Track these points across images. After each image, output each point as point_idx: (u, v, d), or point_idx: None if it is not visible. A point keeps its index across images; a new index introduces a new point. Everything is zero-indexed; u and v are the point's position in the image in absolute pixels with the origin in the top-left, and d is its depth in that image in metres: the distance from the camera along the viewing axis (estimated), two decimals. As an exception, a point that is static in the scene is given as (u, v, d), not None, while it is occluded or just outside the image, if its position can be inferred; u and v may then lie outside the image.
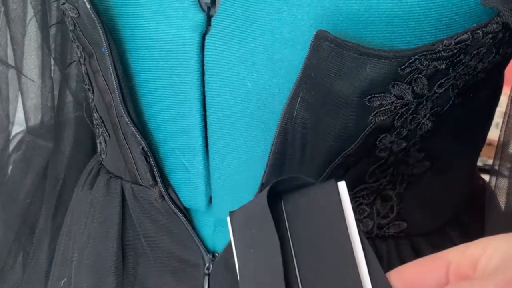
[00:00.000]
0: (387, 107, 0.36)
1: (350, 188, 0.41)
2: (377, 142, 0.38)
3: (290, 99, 0.37)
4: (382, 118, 0.37)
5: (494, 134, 0.47)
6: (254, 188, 0.42)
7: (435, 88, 0.36)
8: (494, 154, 0.47)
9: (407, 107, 0.37)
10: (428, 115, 0.38)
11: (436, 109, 0.38)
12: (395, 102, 0.36)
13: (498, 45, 0.29)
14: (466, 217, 0.48)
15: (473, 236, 0.47)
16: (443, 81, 0.36)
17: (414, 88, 0.36)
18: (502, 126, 0.45)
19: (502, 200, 0.45)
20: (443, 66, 0.35)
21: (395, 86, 0.35)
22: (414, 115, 0.37)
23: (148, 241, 0.48)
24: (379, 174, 0.41)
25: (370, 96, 0.35)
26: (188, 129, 0.43)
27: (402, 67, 0.34)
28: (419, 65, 0.34)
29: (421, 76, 0.35)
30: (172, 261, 0.48)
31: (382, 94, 0.36)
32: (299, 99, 0.37)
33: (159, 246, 0.48)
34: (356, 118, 0.36)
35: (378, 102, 0.36)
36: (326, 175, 0.39)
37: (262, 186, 0.41)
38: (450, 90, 0.37)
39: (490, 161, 0.48)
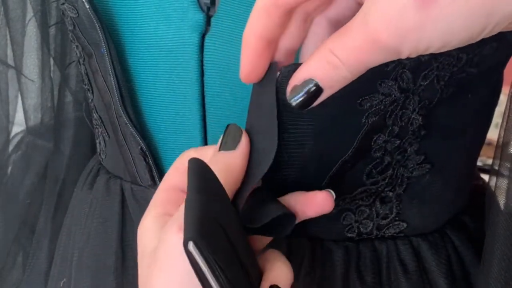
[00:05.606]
0: (377, 107, 0.37)
1: (349, 192, 0.41)
2: (372, 143, 0.39)
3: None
4: (374, 118, 0.37)
5: (494, 134, 0.47)
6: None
7: (419, 80, 0.37)
8: (494, 154, 0.46)
9: (395, 103, 0.37)
10: (417, 109, 0.39)
11: (424, 102, 0.38)
12: (384, 100, 0.37)
13: None
14: (466, 217, 0.48)
15: (473, 236, 0.47)
16: (427, 72, 0.37)
17: (400, 83, 0.37)
18: (501, 126, 0.45)
19: (502, 200, 0.45)
20: (425, 57, 0.36)
21: (382, 84, 0.36)
22: (404, 110, 0.38)
23: (147, 241, 0.48)
24: (377, 176, 0.41)
25: (361, 99, 0.36)
26: (188, 129, 0.43)
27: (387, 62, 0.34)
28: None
29: (405, 70, 0.36)
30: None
31: (372, 95, 0.36)
32: None
33: (159, 246, 0.48)
34: (350, 123, 0.37)
35: (369, 104, 0.36)
36: (325, 185, 0.39)
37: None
38: (435, 82, 0.38)
39: (490, 161, 0.47)
